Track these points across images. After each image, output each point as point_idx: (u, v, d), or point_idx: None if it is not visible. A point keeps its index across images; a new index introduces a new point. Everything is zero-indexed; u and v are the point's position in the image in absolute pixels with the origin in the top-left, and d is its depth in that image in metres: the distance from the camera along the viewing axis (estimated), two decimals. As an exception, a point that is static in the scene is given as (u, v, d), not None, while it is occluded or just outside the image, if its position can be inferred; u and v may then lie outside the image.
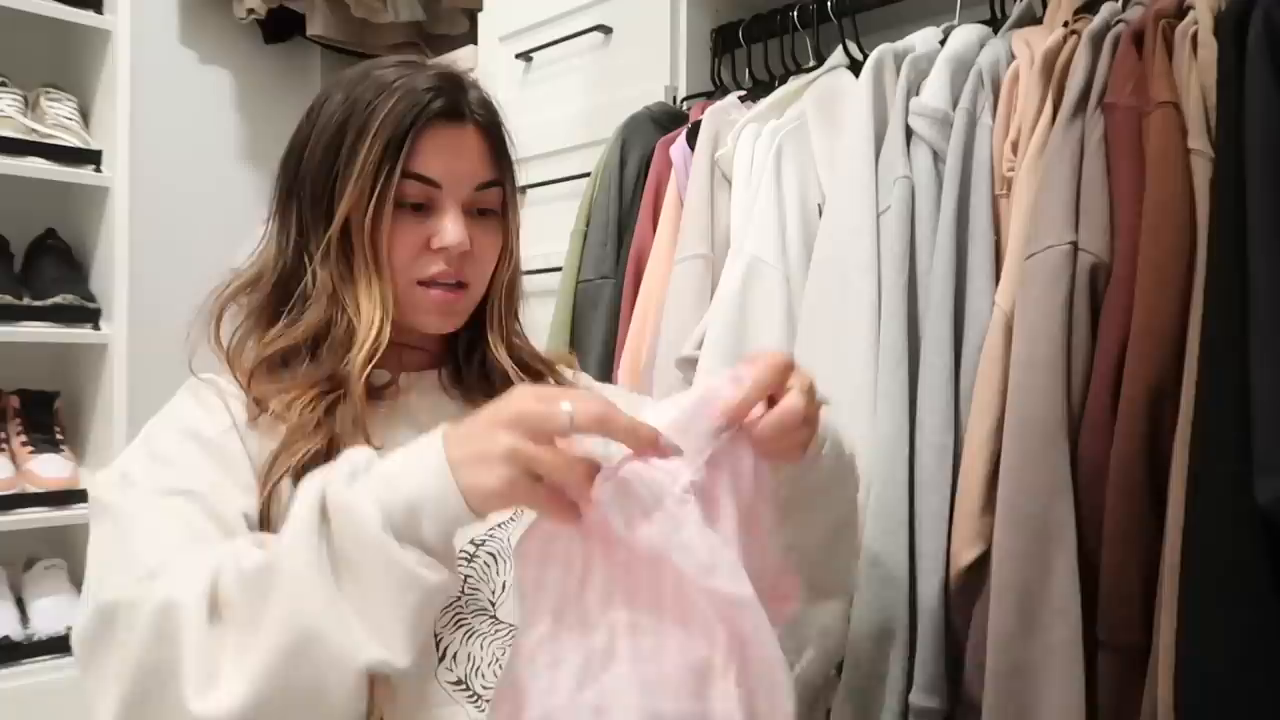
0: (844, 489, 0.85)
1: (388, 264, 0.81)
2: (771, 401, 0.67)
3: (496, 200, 0.86)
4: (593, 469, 0.60)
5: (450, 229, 0.81)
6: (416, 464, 0.60)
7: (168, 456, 0.75)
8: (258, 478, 0.76)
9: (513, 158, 0.88)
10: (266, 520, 0.74)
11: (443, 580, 0.59)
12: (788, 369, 0.69)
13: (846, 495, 0.86)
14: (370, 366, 0.79)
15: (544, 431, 0.58)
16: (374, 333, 0.79)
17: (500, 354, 0.89)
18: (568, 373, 0.97)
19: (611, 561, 0.61)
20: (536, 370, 0.93)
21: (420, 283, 0.82)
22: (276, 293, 0.84)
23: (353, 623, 0.58)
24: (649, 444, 0.60)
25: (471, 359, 0.90)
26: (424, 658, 0.73)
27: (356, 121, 0.80)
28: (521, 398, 0.60)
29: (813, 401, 0.70)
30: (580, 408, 0.58)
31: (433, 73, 0.83)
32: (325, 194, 0.81)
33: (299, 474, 0.71)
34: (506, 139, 0.87)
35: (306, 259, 0.82)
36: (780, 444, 0.67)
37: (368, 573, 0.58)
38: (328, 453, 0.74)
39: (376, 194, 0.79)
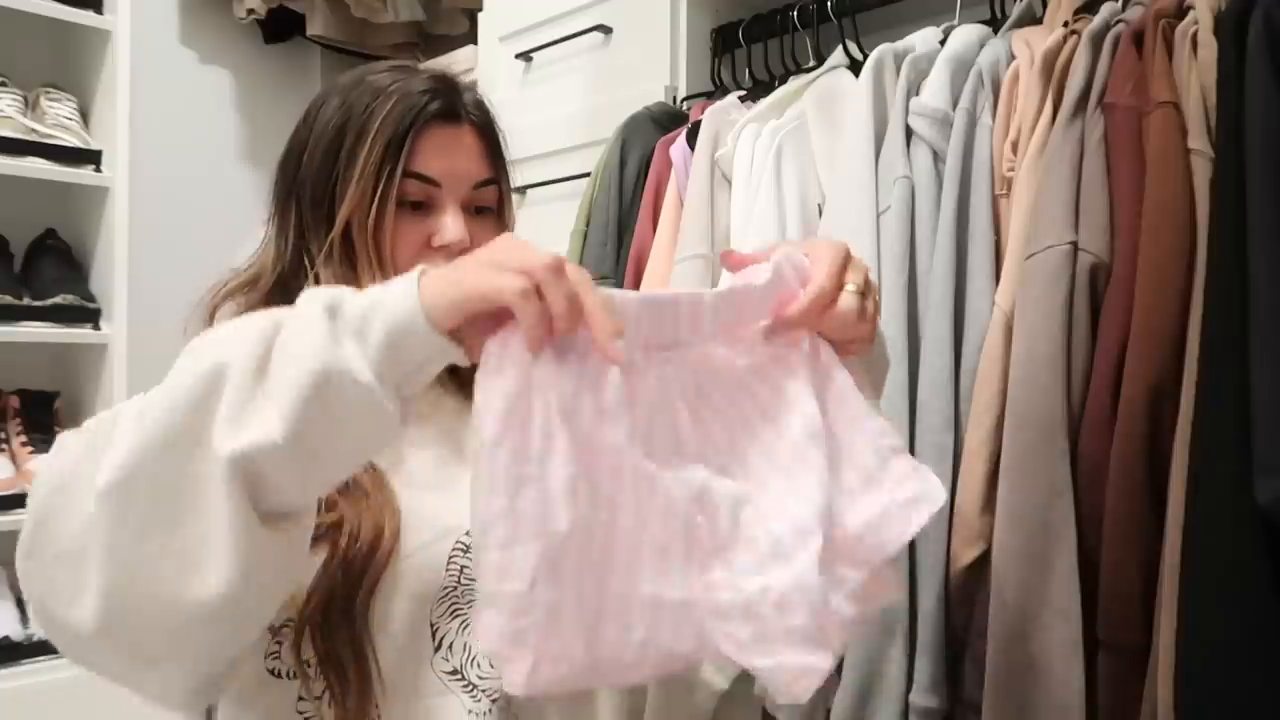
0: (883, 376, 0.89)
1: (390, 263, 0.81)
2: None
3: (493, 198, 0.87)
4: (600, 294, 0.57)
5: (451, 226, 0.82)
6: (382, 296, 0.57)
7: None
8: None
9: (506, 157, 0.90)
10: None
11: (398, 412, 0.56)
12: (845, 263, 0.69)
13: (881, 381, 0.89)
14: None
15: (525, 256, 0.55)
16: None
17: None
18: None
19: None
20: None
21: None
22: (276, 294, 0.84)
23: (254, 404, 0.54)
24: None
25: None
26: (419, 646, 0.74)
27: (355, 125, 0.81)
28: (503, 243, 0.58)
29: (870, 297, 0.70)
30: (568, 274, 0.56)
31: (427, 75, 0.84)
32: (326, 196, 0.82)
33: None
34: (501, 139, 0.89)
35: (308, 261, 0.83)
36: (844, 339, 0.70)
37: (339, 387, 0.54)
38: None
39: (379, 194, 0.80)
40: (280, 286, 0.84)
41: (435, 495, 0.78)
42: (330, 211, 0.82)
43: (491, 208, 0.87)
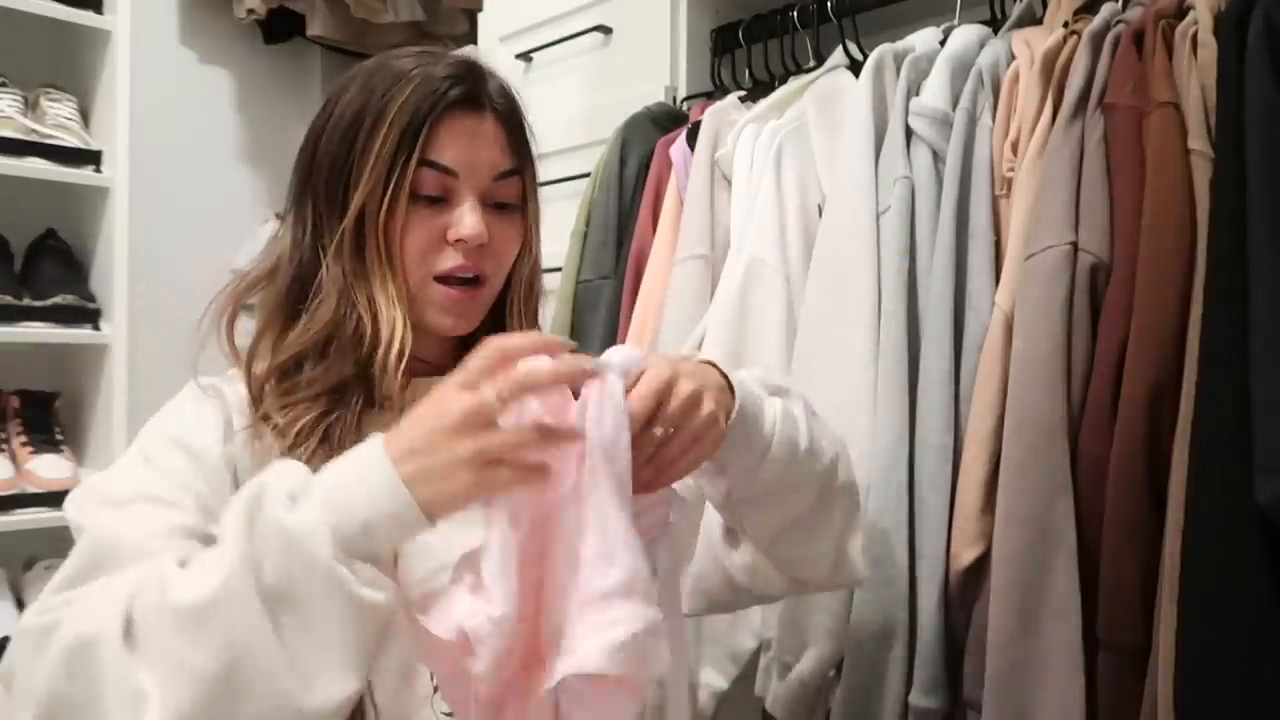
0: (798, 493, 0.81)
1: (400, 257, 0.78)
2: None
3: (515, 192, 0.83)
4: (540, 427, 0.61)
5: (468, 219, 0.78)
6: (362, 481, 0.59)
7: (160, 465, 0.74)
8: None
9: (533, 150, 0.86)
10: None
11: (391, 600, 0.60)
12: (658, 398, 0.67)
13: (802, 498, 0.82)
14: (404, 361, 0.76)
15: (488, 422, 0.59)
16: (399, 331, 0.77)
17: None
18: None
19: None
20: None
21: (436, 279, 0.80)
22: (292, 289, 0.81)
23: (301, 667, 0.57)
24: (581, 375, 0.64)
25: None
26: (417, 685, 0.73)
27: (373, 110, 0.78)
28: (452, 397, 0.60)
29: (707, 398, 0.69)
30: (502, 383, 0.60)
31: (451, 61, 0.81)
32: (340, 184, 0.79)
33: None
34: (526, 129, 0.85)
35: (321, 253, 0.80)
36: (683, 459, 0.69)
37: (319, 611, 0.57)
38: None
39: (392, 183, 0.77)
40: (297, 281, 0.81)
41: (436, 528, 0.78)
42: (344, 201, 0.78)
43: (514, 203, 0.83)
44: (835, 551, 0.87)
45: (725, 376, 0.74)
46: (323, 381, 0.77)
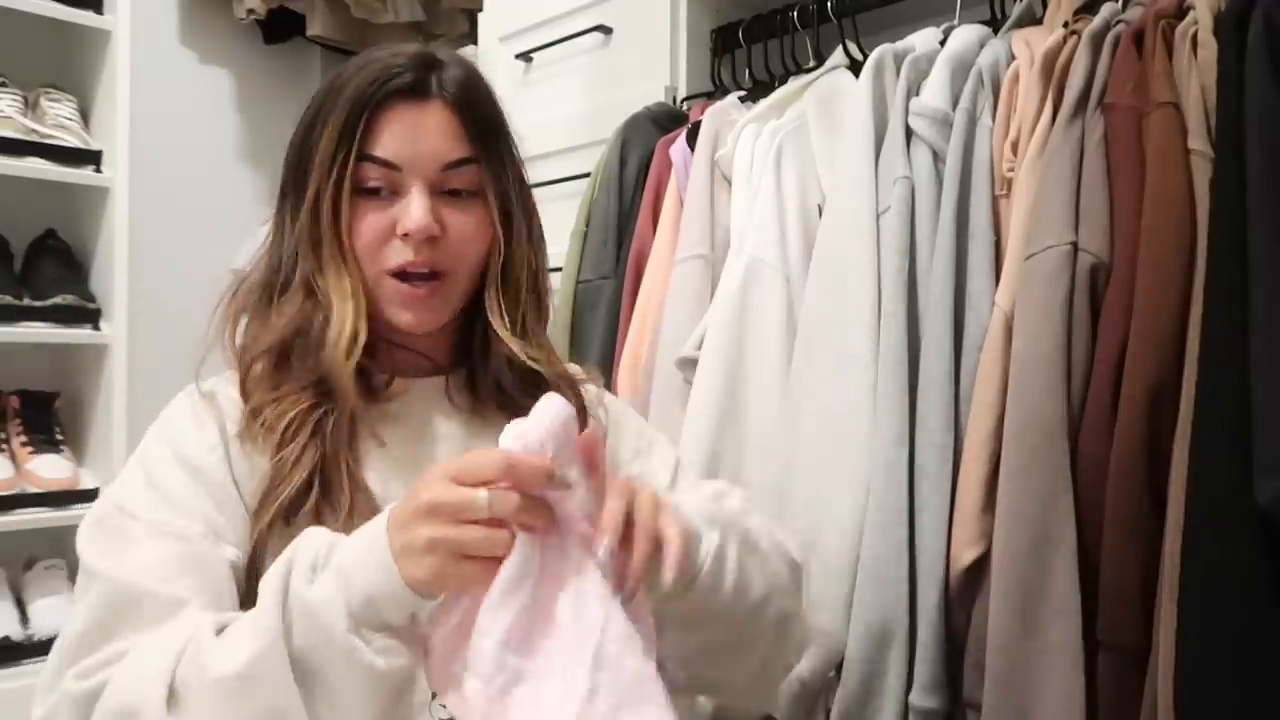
0: (716, 623, 0.75)
1: (352, 252, 0.77)
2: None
3: (471, 180, 0.79)
4: (509, 532, 0.59)
5: (412, 211, 0.75)
6: (367, 554, 0.60)
7: (163, 486, 0.73)
8: (247, 504, 0.74)
9: (504, 136, 0.82)
10: (258, 560, 0.72)
11: (406, 663, 0.60)
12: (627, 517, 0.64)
13: (721, 629, 0.76)
14: (352, 363, 0.75)
15: (462, 517, 0.58)
16: (347, 327, 0.75)
17: (510, 341, 0.82)
18: (591, 390, 0.91)
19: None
20: (557, 386, 0.84)
21: (391, 274, 0.78)
22: (271, 284, 0.81)
23: None
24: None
25: (485, 360, 0.84)
26: (415, 692, 0.71)
27: (328, 103, 0.77)
28: (434, 484, 0.59)
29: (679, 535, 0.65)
30: (499, 498, 0.57)
31: (407, 52, 0.78)
32: (301, 179, 0.79)
33: (288, 513, 0.71)
34: (490, 117, 0.81)
35: (293, 248, 0.80)
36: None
37: (337, 676, 0.59)
38: (321, 479, 0.73)
39: (334, 178, 0.76)
40: (276, 274, 0.81)
41: None
42: (304, 195, 0.78)
43: (471, 190, 0.80)
44: (752, 682, 0.83)
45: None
46: (305, 376, 0.76)
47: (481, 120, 0.80)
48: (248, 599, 0.67)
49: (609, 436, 0.91)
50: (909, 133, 1.14)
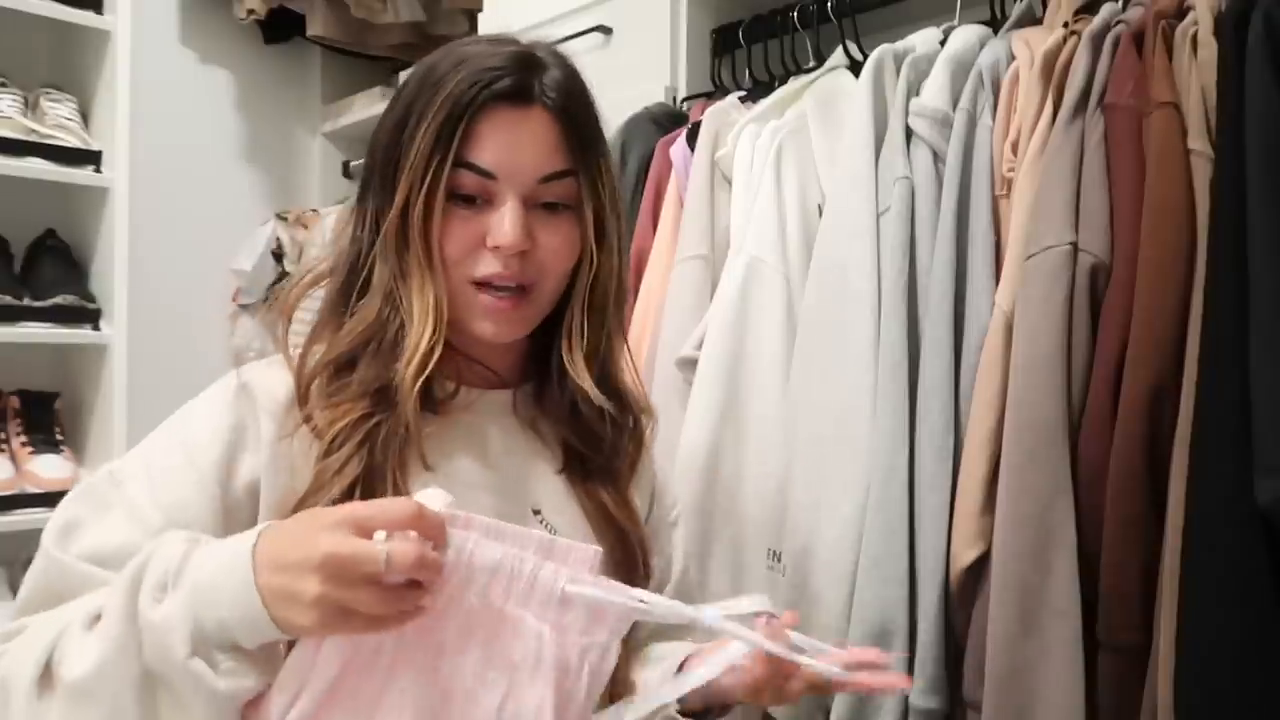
0: None
1: (440, 259, 0.74)
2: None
3: (568, 193, 0.77)
4: (412, 593, 0.57)
5: (505, 225, 0.73)
6: (227, 579, 0.58)
7: (156, 465, 0.71)
8: (269, 508, 0.71)
9: (601, 143, 0.80)
10: None
11: (254, 684, 0.60)
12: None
13: None
14: (421, 379, 0.72)
15: (356, 575, 0.55)
16: (426, 336, 0.73)
17: (581, 376, 0.80)
18: (646, 426, 0.89)
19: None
20: (623, 406, 0.85)
21: (475, 283, 0.76)
22: (348, 286, 0.78)
23: None
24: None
25: (559, 379, 0.82)
26: None
27: (421, 100, 0.74)
28: (332, 534, 0.56)
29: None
30: (398, 551, 0.55)
31: (507, 51, 0.76)
32: (390, 179, 0.75)
33: None
34: (593, 125, 0.79)
35: (374, 249, 0.77)
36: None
37: (184, 693, 0.58)
38: (362, 493, 0.69)
39: (426, 184, 0.73)
40: (353, 276, 0.78)
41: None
42: (392, 197, 0.74)
43: (567, 204, 0.77)
44: None
45: None
46: (366, 383, 0.73)
47: (582, 129, 0.77)
48: None
49: (655, 504, 0.93)
50: (909, 133, 1.14)
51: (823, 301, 1.16)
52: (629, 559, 0.82)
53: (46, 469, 1.95)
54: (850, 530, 1.08)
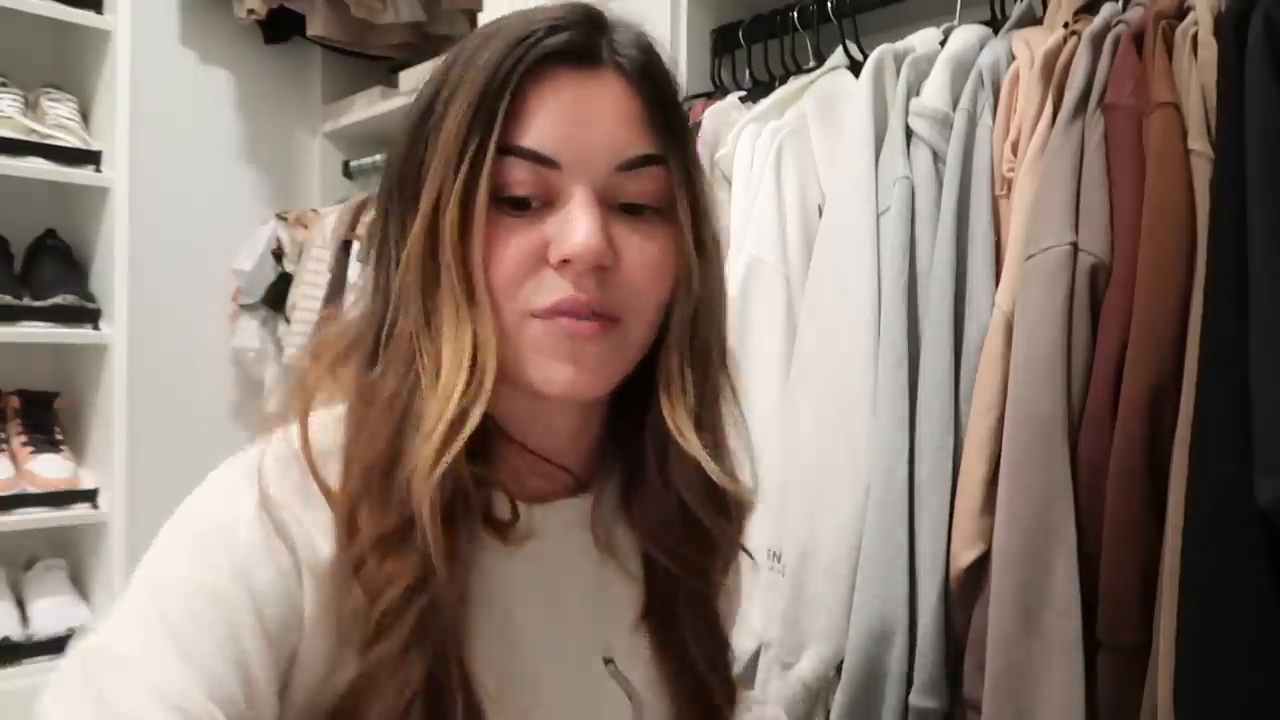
0: None
1: (484, 286, 0.53)
2: None
3: (655, 188, 0.56)
4: None
5: (577, 226, 0.52)
6: None
7: (180, 628, 0.48)
8: (308, 687, 0.51)
9: (689, 128, 0.60)
10: None
11: None
12: None
13: None
14: (442, 465, 0.50)
15: None
16: (456, 394, 0.51)
17: (691, 443, 0.57)
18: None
19: None
20: (739, 497, 0.63)
21: (536, 315, 0.54)
22: (371, 356, 0.56)
23: None
24: None
25: (659, 464, 0.59)
26: None
27: (450, 81, 0.54)
28: None
29: None
30: None
31: (560, 6, 0.56)
32: (412, 190, 0.55)
33: None
34: (677, 100, 0.58)
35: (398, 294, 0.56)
36: None
37: None
38: (426, 698, 0.50)
39: (462, 179, 0.52)
40: (384, 336, 0.56)
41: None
42: (413, 213, 0.55)
43: (654, 204, 0.56)
44: None
45: None
46: (402, 507, 0.51)
47: (668, 101, 0.57)
48: None
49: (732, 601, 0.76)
50: (909, 133, 1.14)
51: (823, 301, 1.16)
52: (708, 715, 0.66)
53: (46, 469, 1.95)
54: (850, 530, 1.08)
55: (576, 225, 0.52)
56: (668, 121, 0.57)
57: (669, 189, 0.56)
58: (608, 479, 0.63)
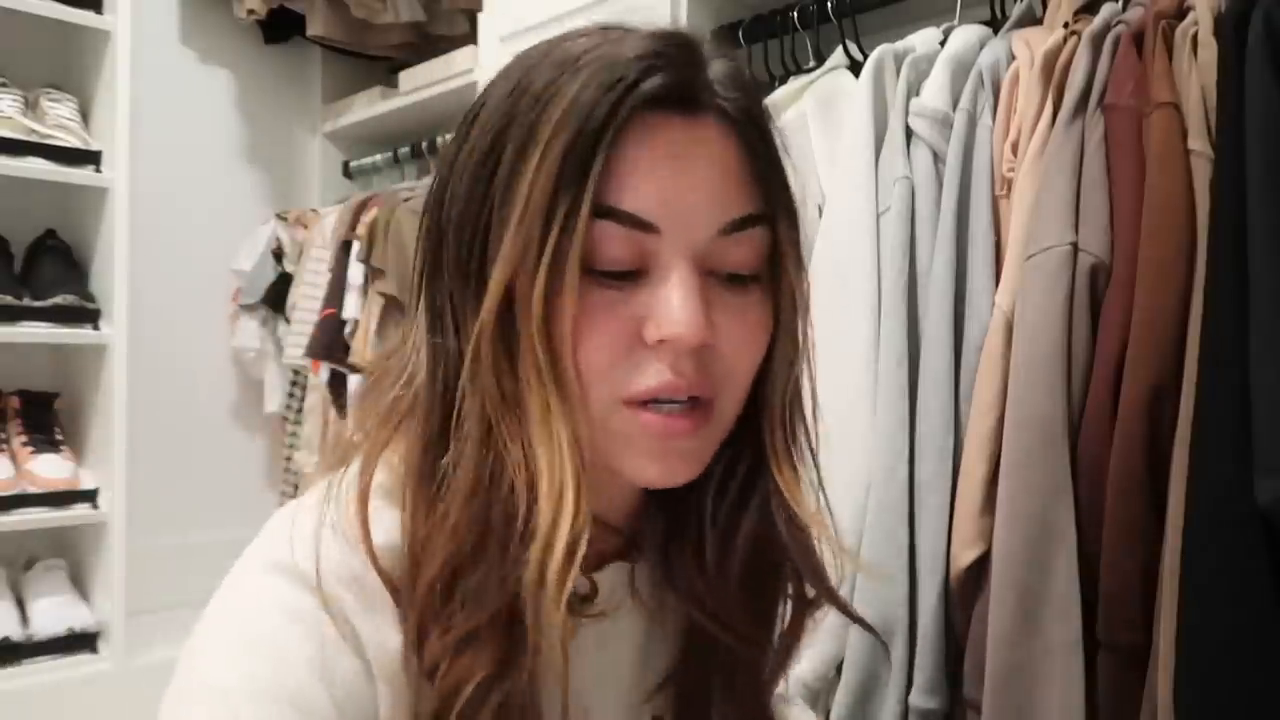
0: None
1: (575, 371, 0.48)
2: None
3: (755, 253, 0.51)
4: None
5: (675, 303, 0.47)
6: None
7: None
8: None
9: (790, 179, 0.54)
10: None
11: None
12: None
13: None
14: (569, 586, 0.45)
15: None
16: (567, 510, 0.46)
17: (779, 516, 0.55)
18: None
19: None
20: (816, 571, 0.58)
21: (627, 402, 0.49)
22: (441, 436, 0.50)
23: None
24: None
25: (726, 536, 0.56)
26: None
27: (521, 125, 0.48)
28: None
29: None
30: None
31: (647, 34, 0.49)
32: (477, 255, 0.49)
33: None
34: (775, 146, 0.53)
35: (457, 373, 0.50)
36: None
37: None
38: None
39: (552, 248, 0.46)
40: (443, 417, 0.50)
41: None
42: (481, 280, 0.48)
43: (752, 272, 0.51)
44: None
45: None
46: (481, 605, 0.47)
47: (770, 151, 0.52)
48: None
49: None
50: (909, 133, 1.15)
51: (823, 301, 1.16)
52: None
53: (46, 469, 1.96)
54: (850, 531, 1.08)
55: (678, 302, 0.47)
56: (771, 173, 0.52)
57: (770, 250, 0.52)
58: (650, 539, 0.60)
